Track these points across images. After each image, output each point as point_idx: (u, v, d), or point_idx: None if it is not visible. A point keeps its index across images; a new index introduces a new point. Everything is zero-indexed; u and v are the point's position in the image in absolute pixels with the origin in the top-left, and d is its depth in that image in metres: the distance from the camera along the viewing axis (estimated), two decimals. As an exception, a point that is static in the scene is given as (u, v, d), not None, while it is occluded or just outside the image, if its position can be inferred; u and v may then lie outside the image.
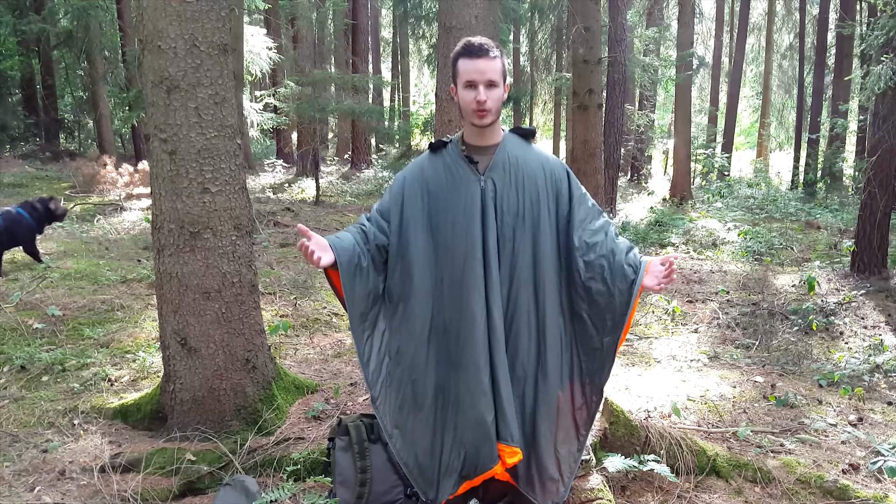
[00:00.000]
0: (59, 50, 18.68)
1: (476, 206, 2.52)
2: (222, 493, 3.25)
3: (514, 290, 2.53)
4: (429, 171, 2.61)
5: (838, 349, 6.38)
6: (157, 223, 3.67)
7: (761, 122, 28.12)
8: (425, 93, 36.72)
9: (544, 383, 2.55)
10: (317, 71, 15.52)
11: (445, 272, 2.53)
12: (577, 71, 10.80)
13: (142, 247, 9.05)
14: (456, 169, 2.56)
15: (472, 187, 2.53)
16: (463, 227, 2.51)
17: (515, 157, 2.58)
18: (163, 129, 3.52)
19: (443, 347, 2.54)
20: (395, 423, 2.62)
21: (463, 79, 2.45)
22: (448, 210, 2.54)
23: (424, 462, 2.57)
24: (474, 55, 2.43)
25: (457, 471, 2.53)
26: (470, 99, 2.45)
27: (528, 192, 2.56)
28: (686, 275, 9.55)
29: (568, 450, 2.61)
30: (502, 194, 2.54)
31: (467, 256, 2.50)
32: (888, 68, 8.30)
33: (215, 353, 3.74)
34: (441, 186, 2.56)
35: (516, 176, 2.56)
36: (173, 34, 3.43)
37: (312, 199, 14.77)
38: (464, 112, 2.52)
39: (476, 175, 2.54)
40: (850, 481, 3.47)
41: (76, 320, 5.70)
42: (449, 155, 2.59)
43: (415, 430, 2.58)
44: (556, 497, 2.59)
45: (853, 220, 11.49)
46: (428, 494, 2.56)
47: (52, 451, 3.63)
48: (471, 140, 2.59)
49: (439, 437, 2.54)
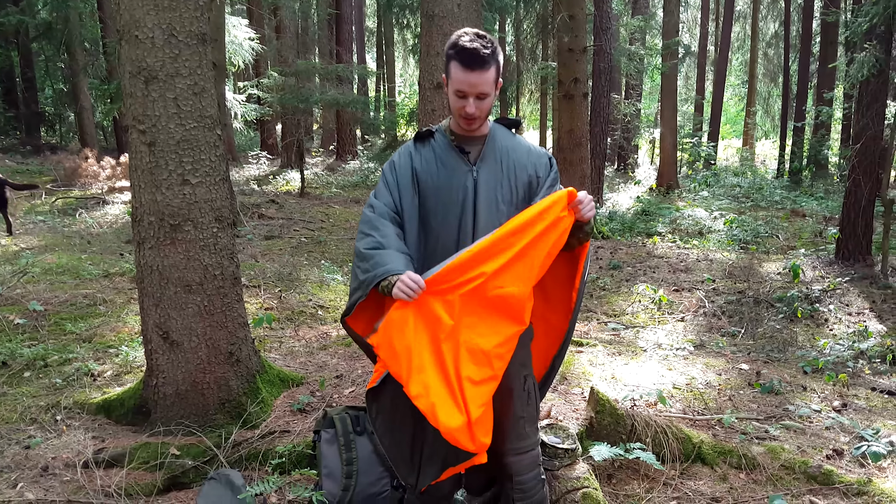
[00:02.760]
0: (39, 42, 18.49)
1: (468, 196, 2.50)
2: (207, 487, 3.23)
3: None
4: (418, 162, 2.57)
5: (823, 336, 6.41)
6: (137, 216, 3.62)
7: (747, 111, 28.23)
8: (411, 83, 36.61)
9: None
10: (300, 61, 15.44)
11: (435, 262, 2.51)
12: (563, 60, 10.78)
13: (124, 240, 8.98)
14: (446, 159, 2.54)
15: (464, 178, 2.51)
16: (456, 218, 2.50)
17: (505, 148, 2.58)
18: (141, 120, 3.47)
19: None
20: (379, 410, 2.64)
21: (454, 86, 2.41)
22: (440, 201, 2.52)
23: (406, 449, 2.59)
24: (467, 66, 2.37)
25: (441, 457, 2.53)
26: (459, 106, 2.43)
27: (519, 181, 2.56)
28: (672, 263, 9.58)
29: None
30: (494, 184, 2.53)
31: (460, 247, 2.48)
32: (871, 56, 8.32)
33: (198, 347, 3.71)
34: (432, 177, 2.54)
35: (506, 166, 2.56)
36: (150, 24, 3.38)
37: (297, 191, 14.71)
38: (452, 110, 2.49)
39: (468, 165, 2.52)
40: (833, 466, 3.48)
41: (58, 315, 5.64)
42: (438, 145, 2.57)
43: (399, 417, 2.60)
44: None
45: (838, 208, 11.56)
46: (408, 479, 2.56)
47: (34, 446, 3.58)
48: (459, 131, 2.57)
49: (421, 424, 2.54)
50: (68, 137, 21.60)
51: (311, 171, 17.76)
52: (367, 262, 2.43)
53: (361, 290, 2.44)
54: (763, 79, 31.75)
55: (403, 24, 19.38)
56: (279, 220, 11.70)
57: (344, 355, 4.96)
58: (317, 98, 14.48)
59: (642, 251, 10.59)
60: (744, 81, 34.44)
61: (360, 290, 2.44)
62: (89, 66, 17.74)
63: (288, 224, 11.39)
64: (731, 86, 36.31)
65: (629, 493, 3.36)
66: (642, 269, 9.22)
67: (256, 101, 15.97)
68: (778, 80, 29.88)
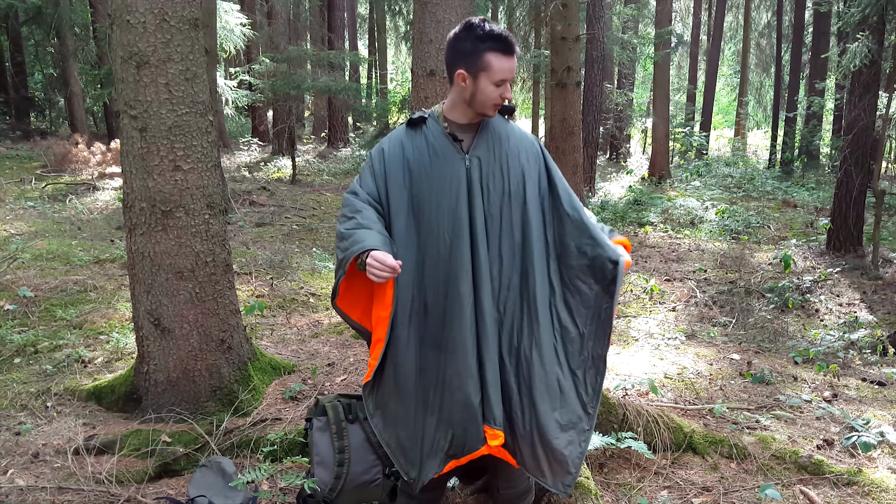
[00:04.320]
0: (28, 26, 18.28)
1: (462, 185, 2.47)
2: (198, 474, 3.22)
3: (504, 269, 2.49)
4: (410, 149, 2.53)
5: (814, 326, 6.44)
6: (129, 202, 3.59)
7: (739, 101, 28.20)
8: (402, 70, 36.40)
9: (540, 361, 2.49)
10: (292, 48, 15.33)
11: (429, 253, 2.48)
12: (555, 48, 10.72)
13: (115, 227, 8.93)
14: (440, 147, 2.49)
15: (457, 166, 2.47)
16: (450, 207, 2.46)
17: (498, 135, 2.54)
18: (133, 105, 3.44)
19: (424, 328, 2.49)
20: (377, 405, 2.59)
21: (497, 76, 2.37)
22: (433, 189, 2.48)
23: (406, 443, 2.54)
24: (508, 52, 2.37)
25: (443, 450, 2.49)
26: (496, 95, 2.40)
27: (512, 169, 2.52)
28: (664, 253, 9.60)
29: (575, 430, 2.54)
30: (488, 172, 2.49)
31: (455, 236, 2.44)
32: (863, 46, 8.33)
33: (189, 334, 3.70)
34: (424, 165, 2.50)
35: (500, 154, 2.52)
36: (142, 8, 3.35)
37: (289, 178, 14.65)
38: (478, 102, 2.43)
39: (461, 153, 2.48)
40: (824, 456, 3.50)
41: (48, 301, 5.61)
42: (431, 132, 2.52)
43: (398, 411, 2.54)
44: (567, 480, 2.51)
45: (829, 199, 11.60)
46: (410, 474, 2.52)
47: (25, 433, 3.57)
48: (454, 118, 2.52)
49: (422, 418, 2.51)
50: (58, 123, 21.40)
51: (302, 159, 17.69)
52: (345, 241, 2.42)
53: (341, 270, 2.43)
54: (755, 69, 31.74)
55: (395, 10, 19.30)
56: (270, 207, 11.66)
57: (336, 343, 4.95)
58: (308, 85, 14.39)
59: (634, 241, 10.61)
60: (736, 71, 34.43)
61: (340, 270, 2.43)
62: (79, 51, 17.54)
63: (279, 211, 11.35)
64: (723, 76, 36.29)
65: (620, 483, 3.37)
66: (634, 259, 9.23)
67: (248, 87, 15.87)
68: (770, 70, 29.89)
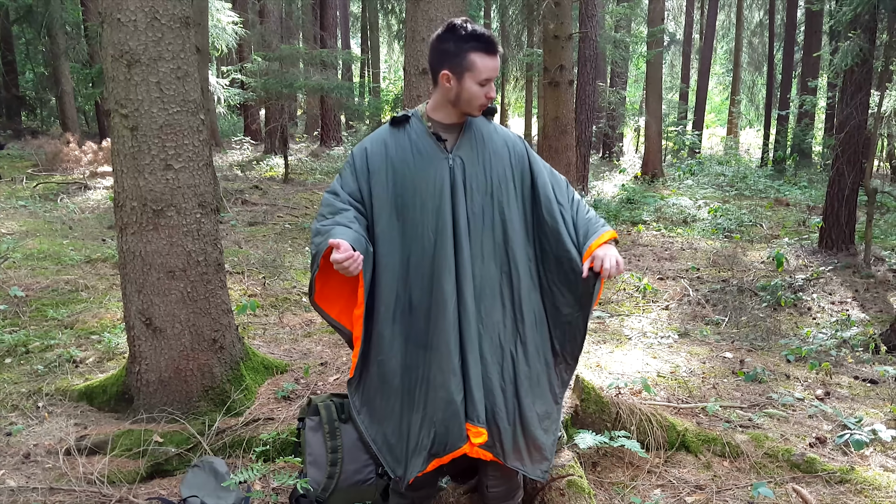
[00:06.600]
0: (19, 25, 18.19)
1: (446, 184, 2.48)
2: (191, 474, 3.21)
3: (486, 268, 2.51)
4: (393, 148, 2.53)
5: (806, 325, 6.46)
6: (120, 201, 3.58)
7: (731, 100, 28.29)
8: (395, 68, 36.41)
9: (525, 358, 2.54)
10: (284, 46, 15.28)
11: (413, 252, 2.48)
12: (548, 47, 10.72)
13: (106, 226, 8.89)
14: (423, 146, 2.50)
15: (440, 165, 2.48)
16: (433, 206, 2.47)
17: (481, 135, 2.56)
18: (124, 104, 3.42)
19: (408, 326, 2.51)
20: (363, 401, 2.60)
21: (481, 76, 2.39)
22: (417, 189, 2.49)
23: (392, 440, 2.56)
24: (492, 52, 2.39)
25: (426, 449, 2.51)
26: (481, 94, 2.42)
27: (495, 169, 2.54)
28: (657, 252, 9.61)
29: (550, 420, 2.63)
30: (471, 172, 2.50)
31: (438, 235, 2.45)
32: (855, 45, 8.35)
33: (181, 334, 3.68)
34: (408, 164, 2.50)
35: (483, 153, 2.53)
36: (133, 6, 3.33)
37: (281, 176, 14.62)
38: (463, 102, 2.44)
39: (444, 153, 2.49)
40: (817, 454, 3.51)
41: (39, 301, 5.58)
42: (414, 131, 2.53)
43: (383, 408, 2.56)
44: (544, 465, 2.59)
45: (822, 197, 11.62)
46: (396, 471, 2.54)
47: (16, 433, 3.55)
48: (438, 117, 2.52)
49: (407, 415, 2.52)
50: (49, 122, 21.31)
51: (294, 157, 17.65)
52: (319, 236, 2.42)
53: (315, 265, 2.43)
54: (748, 67, 31.82)
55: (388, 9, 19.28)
56: (263, 206, 11.63)
57: (328, 342, 4.94)
58: (301, 83, 14.36)
59: (627, 239, 10.62)
60: (728, 70, 34.52)
61: (314, 265, 2.43)
62: (70, 50, 17.44)
63: (272, 210, 11.33)
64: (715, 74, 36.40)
65: (614, 481, 3.37)
66: (627, 258, 9.25)
67: (240, 85, 15.84)
68: (762, 68, 29.98)
